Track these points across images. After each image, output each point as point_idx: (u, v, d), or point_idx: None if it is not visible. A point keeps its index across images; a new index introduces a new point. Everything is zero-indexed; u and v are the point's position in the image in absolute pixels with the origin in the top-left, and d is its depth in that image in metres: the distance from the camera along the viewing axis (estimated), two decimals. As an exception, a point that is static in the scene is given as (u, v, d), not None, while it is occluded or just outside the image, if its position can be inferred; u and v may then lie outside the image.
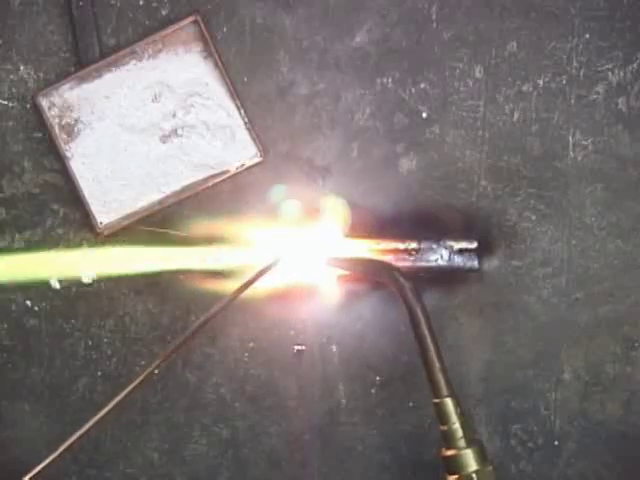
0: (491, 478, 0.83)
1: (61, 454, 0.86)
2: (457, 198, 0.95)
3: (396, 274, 0.85)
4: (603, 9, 0.94)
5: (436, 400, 0.83)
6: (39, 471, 0.86)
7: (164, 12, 0.95)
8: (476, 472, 0.83)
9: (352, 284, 0.94)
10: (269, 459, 0.96)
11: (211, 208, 0.95)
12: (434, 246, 0.93)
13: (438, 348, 0.84)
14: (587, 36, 0.94)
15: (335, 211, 0.94)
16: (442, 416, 0.83)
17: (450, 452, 0.83)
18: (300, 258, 0.92)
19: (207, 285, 0.94)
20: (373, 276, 0.92)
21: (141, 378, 0.87)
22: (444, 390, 0.83)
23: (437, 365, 0.83)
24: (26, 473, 0.87)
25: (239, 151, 0.95)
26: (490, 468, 0.83)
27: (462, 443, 0.83)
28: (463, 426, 0.83)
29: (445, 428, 0.83)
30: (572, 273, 0.95)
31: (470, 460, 0.83)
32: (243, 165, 0.95)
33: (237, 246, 0.93)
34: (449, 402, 0.83)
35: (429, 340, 0.84)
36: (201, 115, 0.94)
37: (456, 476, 0.83)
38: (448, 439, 0.83)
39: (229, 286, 0.92)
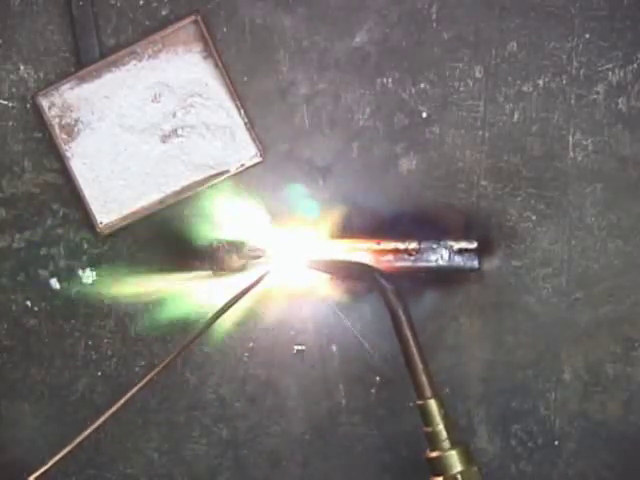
0: (476, 478, 0.83)
1: (57, 454, 0.86)
2: (457, 198, 0.95)
3: (378, 276, 0.85)
4: (603, 9, 0.94)
5: (420, 402, 0.83)
6: (44, 471, 0.86)
7: (164, 12, 0.95)
8: (461, 473, 0.83)
9: (347, 284, 0.95)
10: (269, 459, 0.96)
11: (211, 208, 0.95)
12: (434, 246, 0.93)
13: (421, 349, 0.84)
14: (587, 36, 0.94)
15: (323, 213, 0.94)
16: (426, 418, 0.83)
17: (434, 453, 0.83)
18: (285, 261, 0.92)
19: (207, 285, 0.94)
20: (356, 278, 0.92)
21: (141, 384, 0.87)
22: (427, 391, 0.83)
23: (420, 367, 0.83)
24: (26, 473, 0.86)
25: (239, 151, 0.95)
26: (475, 468, 0.83)
27: (446, 444, 0.83)
28: (447, 427, 0.83)
29: (429, 429, 0.83)
30: (572, 273, 0.95)
31: (455, 461, 0.83)
32: (243, 165, 0.95)
33: (236, 245, 0.93)
34: (433, 403, 0.83)
35: (411, 342, 0.84)
36: (201, 115, 0.94)
37: (441, 477, 0.83)
38: (432, 440, 0.83)
39: (228, 286, 0.92)
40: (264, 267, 0.90)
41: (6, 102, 0.95)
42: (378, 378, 0.95)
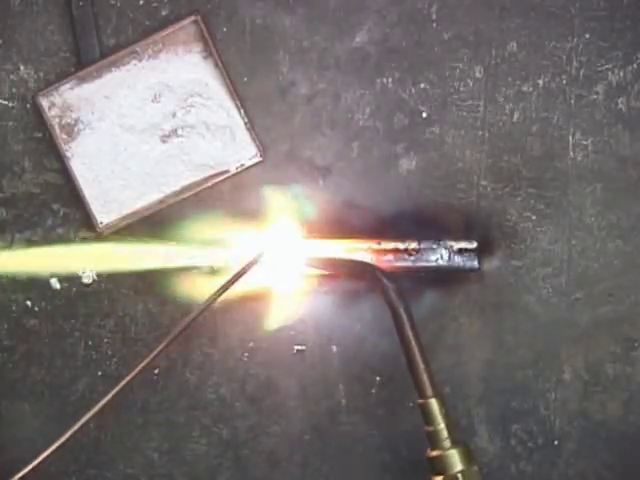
0: (477, 478, 0.83)
1: (56, 454, 0.86)
2: (457, 198, 0.95)
3: (379, 274, 0.85)
4: (603, 9, 0.94)
5: (421, 401, 0.83)
6: (29, 471, 0.86)
7: (164, 12, 0.95)
8: (461, 472, 0.83)
9: (347, 283, 0.95)
10: (269, 459, 0.96)
11: (211, 208, 0.95)
12: (434, 246, 0.93)
13: (422, 349, 0.84)
14: (587, 36, 0.94)
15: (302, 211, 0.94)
16: (427, 417, 0.83)
17: (435, 453, 0.83)
18: (284, 261, 0.92)
19: (207, 285, 0.94)
20: (356, 277, 0.92)
21: (129, 378, 0.87)
22: (429, 391, 0.83)
23: (421, 366, 0.83)
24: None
25: (239, 151, 0.95)
26: (476, 468, 0.83)
27: (447, 443, 0.83)
28: (448, 426, 0.83)
29: (430, 429, 0.83)
30: (572, 273, 0.95)
31: (455, 460, 0.83)
32: (243, 165, 0.95)
33: (236, 245, 0.93)
34: (434, 403, 0.83)
35: (413, 341, 0.84)
36: (201, 115, 0.94)
37: (442, 477, 0.83)
38: (433, 440, 0.83)
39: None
40: (257, 251, 0.90)
41: (6, 102, 0.95)
42: (378, 378, 0.95)
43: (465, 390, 0.95)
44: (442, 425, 0.83)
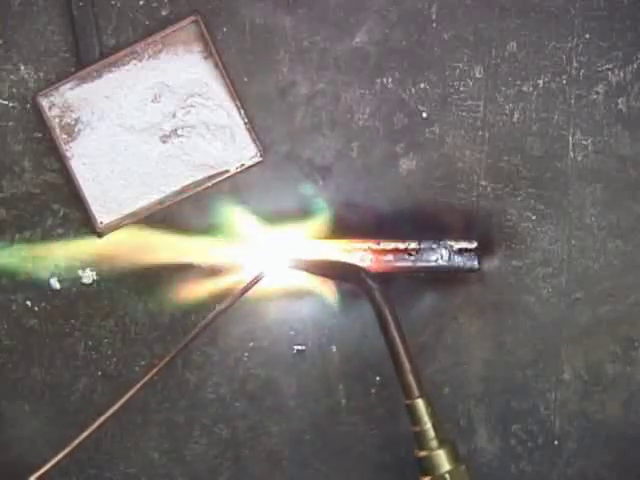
0: (464, 477, 0.83)
1: (57, 453, 0.86)
2: (457, 198, 0.95)
3: (364, 276, 0.85)
4: (603, 9, 0.94)
5: (408, 402, 0.83)
6: (45, 472, 0.86)
7: (164, 12, 0.95)
8: (449, 472, 0.83)
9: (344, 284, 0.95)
10: (269, 459, 0.96)
11: (211, 208, 0.95)
12: (434, 246, 0.93)
13: (408, 349, 0.83)
14: (587, 36, 0.94)
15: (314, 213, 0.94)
16: (414, 417, 0.83)
17: (423, 453, 0.83)
18: (271, 262, 0.92)
19: (207, 285, 0.94)
20: (342, 278, 0.91)
21: (142, 383, 0.87)
22: (415, 391, 0.83)
23: (407, 367, 0.83)
24: (26, 473, 0.87)
25: (239, 151, 0.95)
26: (463, 467, 0.83)
27: (434, 444, 0.83)
28: (435, 426, 0.83)
29: (417, 429, 0.83)
30: (572, 273, 0.95)
31: (442, 460, 0.83)
32: (243, 165, 0.95)
33: (236, 245, 0.93)
34: (420, 403, 0.83)
35: (399, 342, 0.83)
36: (201, 115, 0.94)
37: (429, 477, 0.83)
38: (420, 440, 0.83)
39: (228, 286, 0.93)
40: (259, 268, 0.90)
41: (6, 102, 0.95)
42: (378, 378, 0.95)
43: (465, 390, 0.95)
44: (429, 425, 0.83)
